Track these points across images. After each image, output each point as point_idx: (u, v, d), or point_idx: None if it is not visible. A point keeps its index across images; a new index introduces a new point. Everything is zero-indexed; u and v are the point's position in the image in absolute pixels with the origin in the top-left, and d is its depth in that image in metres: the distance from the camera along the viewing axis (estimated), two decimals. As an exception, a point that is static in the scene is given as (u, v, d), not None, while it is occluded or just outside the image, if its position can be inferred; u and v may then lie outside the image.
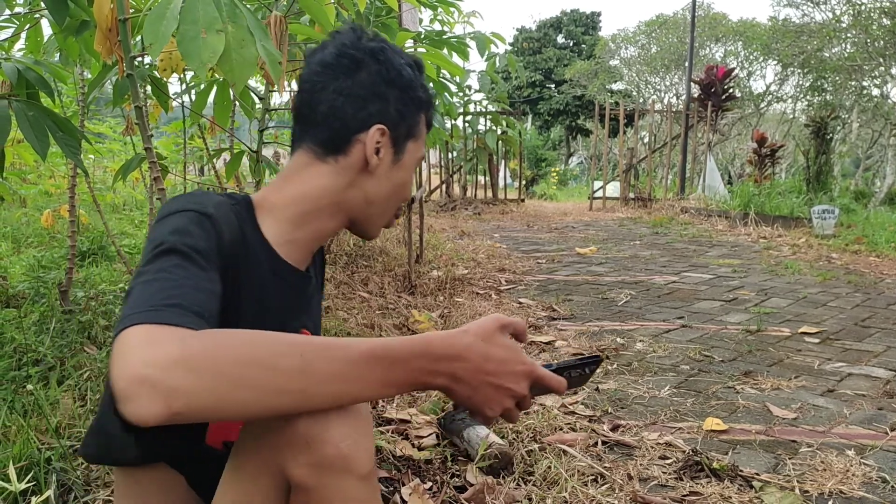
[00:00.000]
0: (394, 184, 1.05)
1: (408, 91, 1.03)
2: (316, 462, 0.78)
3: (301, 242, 1.03)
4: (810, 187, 9.13)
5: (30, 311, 2.67)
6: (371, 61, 1.01)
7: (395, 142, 1.03)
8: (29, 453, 1.66)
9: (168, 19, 1.32)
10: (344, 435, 0.78)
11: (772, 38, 16.69)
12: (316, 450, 0.78)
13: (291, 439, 0.78)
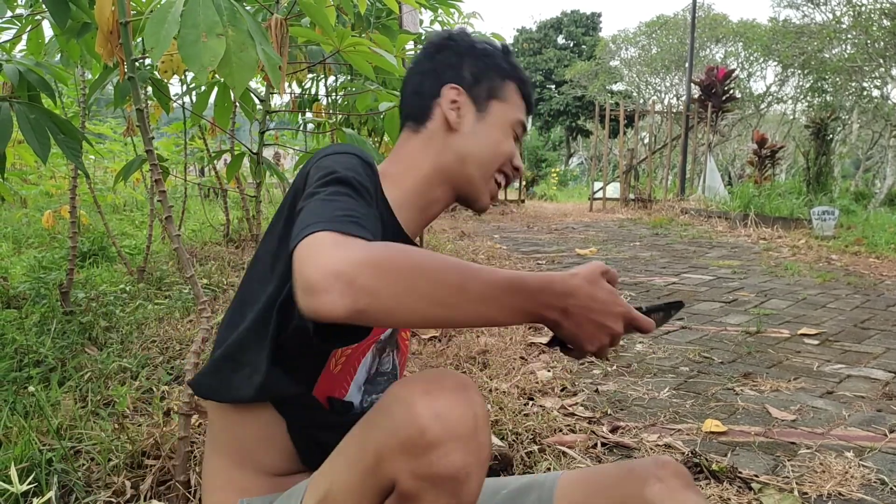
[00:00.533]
0: (485, 141, 1.10)
1: (484, 59, 1.12)
2: (429, 476, 0.78)
3: (414, 214, 1.10)
4: (810, 188, 9.14)
5: (31, 312, 2.67)
6: (448, 42, 1.12)
7: (475, 100, 1.10)
8: (30, 454, 1.67)
9: (169, 23, 1.33)
10: (466, 463, 0.79)
11: (772, 39, 16.69)
12: (435, 464, 0.78)
13: (415, 442, 0.78)
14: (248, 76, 1.39)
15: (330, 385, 1.02)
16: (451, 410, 0.79)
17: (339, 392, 1.02)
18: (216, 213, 6.23)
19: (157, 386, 2.22)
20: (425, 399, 0.80)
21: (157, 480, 1.67)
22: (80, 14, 2.01)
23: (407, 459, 0.79)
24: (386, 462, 0.81)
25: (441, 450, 0.78)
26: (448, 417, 0.79)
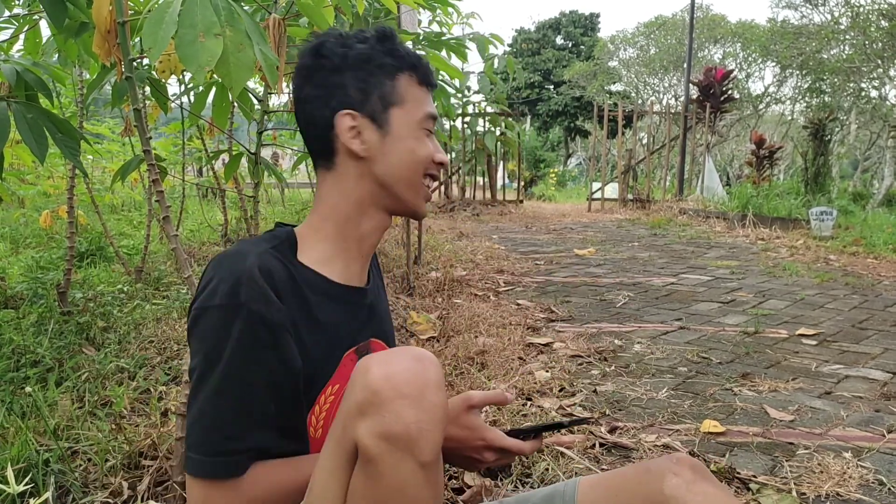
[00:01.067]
0: (400, 156, 1.04)
1: (364, 66, 1.02)
2: (383, 433, 0.82)
3: (351, 254, 1.06)
4: (808, 189, 9.14)
5: (28, 312, 2.67)
6: (321, 61, 1.03)
7: (373, 118, 1.02)
8: (27, 455, 1.67)
9: (167, 23, 1.32)
10: (417, 419, 0.82)
11: (770, 40, 16.70)
12: (387, 420, 0.82)
13: (368, 397, 0.82)
14: (246, 76, 1.38)
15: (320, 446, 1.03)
16: (402, 373, 0.83)
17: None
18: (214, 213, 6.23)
19: (155, 386, 2.21)
20: (380, 365, 0.84)
21: (155, 481, 1.67)
22: (77, 14, 2.01)
23: (363, 420, 0.82)
24: (348, 428, 0.84)
25: (391, 406, 0.81)
26: (398, 379, 0.82)
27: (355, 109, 1.02)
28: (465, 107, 10.00)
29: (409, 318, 3.43)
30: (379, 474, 0.83)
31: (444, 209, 10.43)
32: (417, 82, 1.06)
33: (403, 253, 4.48)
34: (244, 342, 0.89)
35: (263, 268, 0.93)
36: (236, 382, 0.89)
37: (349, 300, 1.06)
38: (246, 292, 0.90)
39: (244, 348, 0.89)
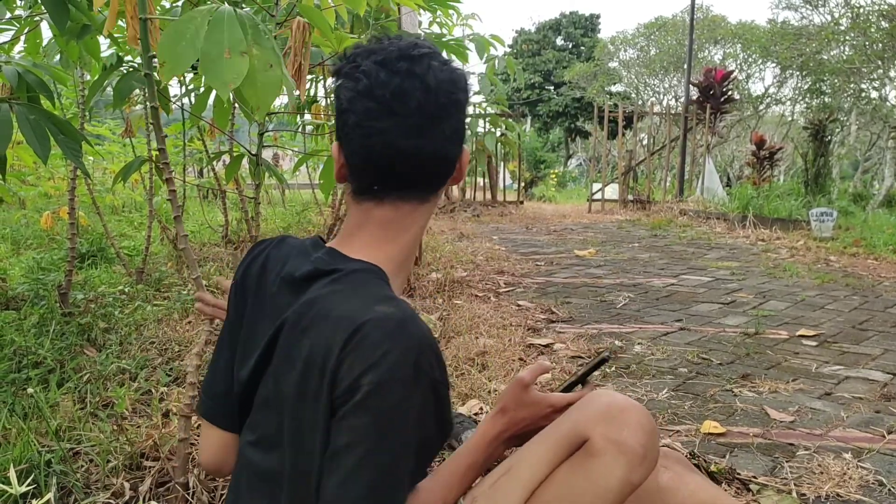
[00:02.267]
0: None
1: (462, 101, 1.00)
2: (618, 441, 0.97)
3: (403, 278, 1.06)
4: (809, 190, 9.15)
5: (29, 314, 2.67)
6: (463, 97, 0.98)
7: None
8: (29, 456, 1.67)
9: (187, 41, 1.28)
10: (646, 445, 0.98)
11: (770, 41, 16.70)
12: (625, 434, 0.97)
13: (620, 414, 0.99)
14: (273, 96, 1.36)
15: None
16: (641, 410, 1.02)
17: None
18: (215, 215, 6.23)
19: (156, 387, 2.22)
20: (625, 397, 1.04)
21: (157, 482, 1.67)
22: (79, 16, 2.01)
23: (604, 425, 0.98)
24: (583, 425, 0.99)
25: (632, 427, 0.98)
26: (640, 412, 1.01)
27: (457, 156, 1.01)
28: (465, 108, 9.99)
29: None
30: (594, 469, 0.97)
31: (444, 210, 10.44)
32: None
33: (404, 254, 4.48)
34: (421, 409, 0.87)
35: (426, 327, 0.91)
36: (400, 440, 0.86)
37: None
38: (426, 361, 0.87)
39: (419, 413, 0.87)
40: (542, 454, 1.02)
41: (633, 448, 0.97)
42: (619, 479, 0.96)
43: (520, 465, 1.02)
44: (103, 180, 6.91)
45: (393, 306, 0.89)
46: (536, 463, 1.01)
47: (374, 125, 0.92)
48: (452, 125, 0.96)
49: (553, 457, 1.01)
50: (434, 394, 0.88)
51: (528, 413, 1.07)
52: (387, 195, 0.98)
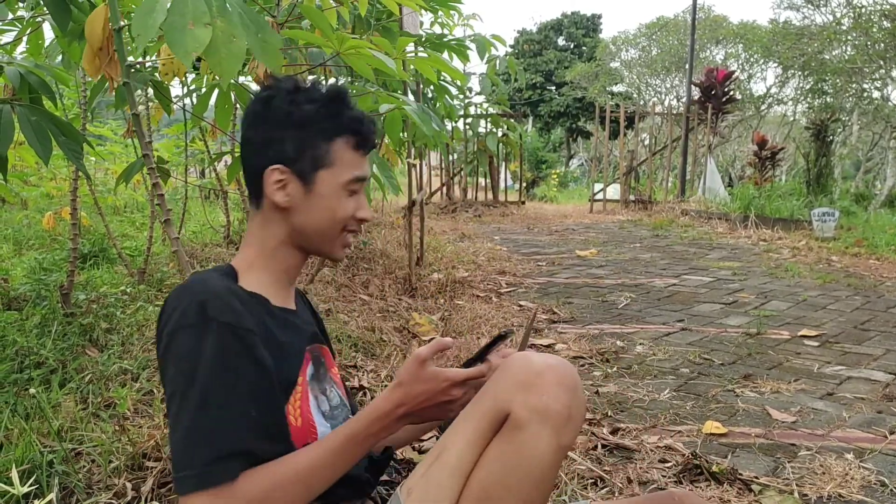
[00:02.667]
0: (319, 213, 1.14)
1: (304, 127, 1.11)
2: (540, 408, 0.97)
3: (281, 283, 1.17)
4: (810, 190, 9.14)
5: (31, 314, 2.68)
6: (266, 113, 1.12)
7: (301, 175, 1.11)
8: (31, 456, 1.67)
9: (157, 12, 1.37)
10: (570, 404, 0.99)
11: (772, 41, 16.69)
12: (545, 399, 0.98)
13: (532, 380, 0.99)
14: (235, 66, 1.42)
15: (303, 434, 1.10)
16: (561, 367, 1.02)
17: (312, 437, 1.10)
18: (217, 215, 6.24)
19: (158, 388, 2.22)
20: (541, 357, 1.03)
21: (158, 482, 1.68)
22: (80, 17, 2.01)
23: (523, 394, 0.98)
24: (502, 398, 1.00)
25: (551, 389, 0.98)
26: (559, 370, 1.01)
27: (286, 165, 1.11)
28: (466, 108, 10.01)
29: (412, 320, 3.44)
30: (522, 442, 0.97)
31: (446, 210, 10.44)
32: (353, 146, 1.14)
33: (405, 254, 4.49)
34: (218, 354, 0.95)
35: (225, 286, 1.03)
36: (217, 393, 0.94)
37: (286, 318, 1.16)
38: (213, 308, 0.97)
39: (219, 359, 0.95)
40: (469, 435, 1.02)
41: (557, 411, 0.97)
42: (548, 447, 0.97)
43: (448, 451, 1.03)
44: (105, 181, 6.92)
45: (191, 278, 1.06)
46: (464, 446, 1.02)
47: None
48: (252, 142, 1.14)
49: (479, 437, 1.01)
50: (233, 336, 0.97)
51: (424, 387, 1.04)
52: (249, 203, 1.19)
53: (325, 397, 1.17)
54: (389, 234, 5.86)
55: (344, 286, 3.92)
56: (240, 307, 1.01)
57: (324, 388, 1.18)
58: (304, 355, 1.14)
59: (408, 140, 4.07)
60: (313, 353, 1.18)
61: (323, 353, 1.22)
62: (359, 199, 1.17)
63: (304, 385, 1.12)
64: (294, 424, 1.07)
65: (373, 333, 3.11)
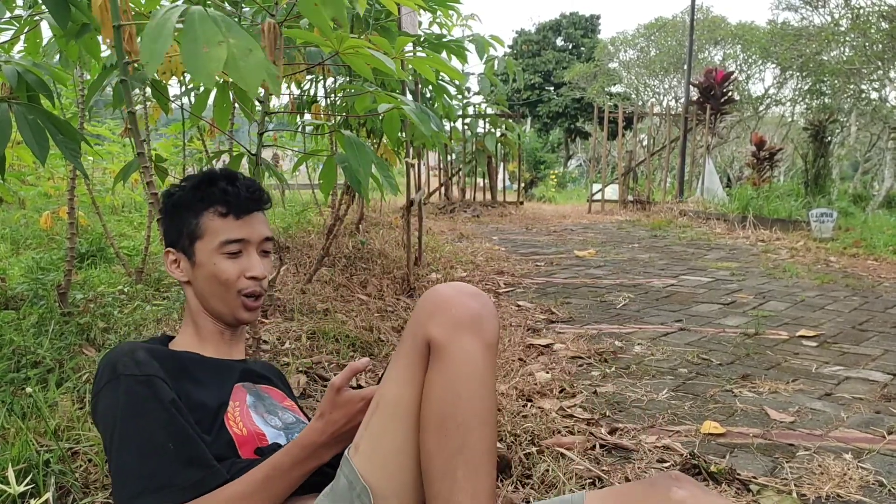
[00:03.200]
0: (207, 280, 1.30)
1: (177, 214, 1.32)
2: (452, 322, 1.01)
3: (215, 342, 1.34)
4: (809, 190, 9.14)
5: (29, 313, 2.67)
6: (160, 207, 1.37)
7: (186, 252, 1.31)
8: (28, 455, 1.67)
9: (163, 38, 1.39)
10: (479, 306, 1.04)
11: (770, 42, 16.71)
12: (454, 312, 1.02)
13: (437, 303, 1.03)
14: (259, 77, 1.43)
15: (250, 441, 1.19)
16: (464, 286, 1.08)
17: (261, 442, 1.20)
18: (215, 215, 6.23)
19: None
20: (444, 286, 1.08)
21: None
22: (78, 15, 2.01)
23: (435, 319, 1.02)
24: (419, 333, 1.03)
25: (457, 302, 1.03)
26: (461, 287, 1.07)
27: (174, 246, 1.33)
28: (465, 108, 10.00)
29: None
30: (451, 359, 1.00)
31: (444, 210, 10.44)
32: (221, 214, 1.29)
33: (404, 254, 4.49)
34: (128, 403, 1.07)
35: (135, 346, 1.16)
36: (134, 436, 1.05)
37: (221, 364, 1.31)
38: (120, 365, 1.11)
39: (130, 407, 1.07)
40: (399, 376, 1.05)
41: (470, 316, 1.02)
42: (476, 349, 1.01)
43: (384, 398, 1.05)
44: (103, 180, 6.91)
45: (116, 347, 1.20)
46: (398, 388, 1.04)
47: None
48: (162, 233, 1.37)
49: (410, 374, 1.04)
50: (137, 384, 1.09)
51: (342, 412, 1.09)
52: None
53: (273, 416, 1.28)
54: (388, 235, 5.85)
55: (342, 286, 3.92)
56: (143, 358, 1.13)
57: (273, 411, 1.29)
58: (232, 385, 1.26)
59: (406, 140, 4.07)
60: (247, 387, 1.29)
61: (265, 390, 1.34)
62: (244, 260, 1.30)
63: (242, 405, 1.23)
64: (239, 434, 1.18)
65: (371, 333, 3.10)
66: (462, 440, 0.98)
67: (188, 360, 1.25)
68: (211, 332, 1.34)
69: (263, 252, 1.35)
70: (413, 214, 4.47)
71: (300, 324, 3.04)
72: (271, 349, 2.72)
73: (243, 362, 1.36)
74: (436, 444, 0.99)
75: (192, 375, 1.21)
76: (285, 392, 1.41)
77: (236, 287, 1.29)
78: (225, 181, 1.31)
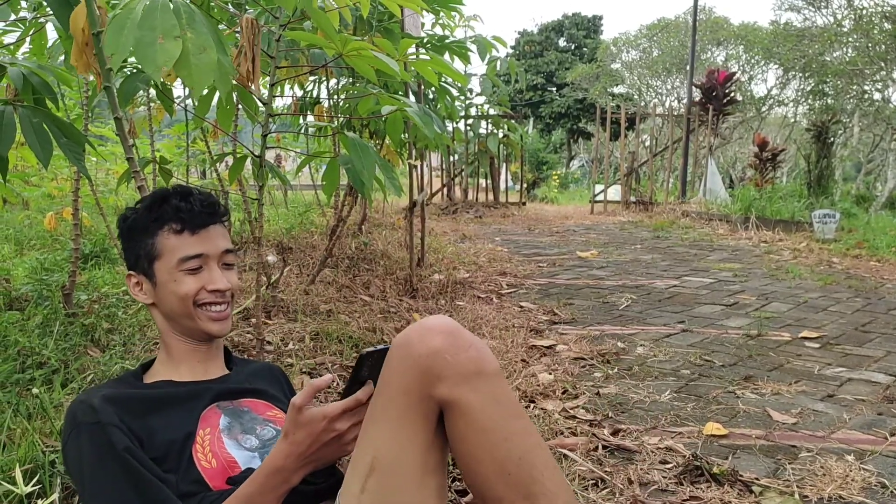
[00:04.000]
0: (169, 298, 1.31)
1: (132, 237, 1.33)
2: (458, 376, 0.98)
3: (187, 363, 1.35)
4: (811, 191, 9.14)
5: (33, 314, 2.68)
6: (118, 232, 1.37)
7: (146, 273, 1.32)
8: (34, 456, 1.68)
9: (128, 29, 1.38)
10: (468, 345, 1.01)
11: (773, 42, 16.70)
12: (454, 363, 0.98)
13: (428, 360, 0.99)
14: (208, 78, 1.44)
15: (220, 472, 1.18)
16: (430, 324, 1.04)
17: (233, 470, 1.18)
18: (218, 216, 6.25)
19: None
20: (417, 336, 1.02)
21: (160, 482, 1.68)
22: (83, 17, 2.01)
23: (439, 380, 0.98)
24: (415, 392, 0.99)
25: (449, 350, 0.99)
26: (435, 327, 1.03)
27: (134, 270, 1.34)
28: (467, 109, 10.00)
29: (413, 320, 3.44)
30: (477, 410, 0.97)
31: (446, 211, 10.44)
32: (176, 232, 1.29)
33: (406, 255, 4.49)
34: (91, 450, 1.09)
35: (93, 394, 1.17)
36: (99, 482, 1.07)
37: (193, 389, 1.30)
38: (80, 413, 1.13)
39: (92, 455, 1.09)
40: (396, 436, 1.00)
41: (470, 361, 0.99)
42: (496, 389, 0.99)
43: (381, 460, 1.00)
44: (106, 181, 6.92)
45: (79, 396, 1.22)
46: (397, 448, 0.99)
47: None
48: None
49: (411, 433, 0.99)
50: (100, 432, 1.10)
51: (306, 432, 1.07)
52: None
53: (249, 436, 1.26)
54: (390, 235, 5.86)
55: (345, 287, 3.93)
56: (99, 405, 1.13)
57: (251, 429, 1.28)
58: (201, 411, 1.25)
59: (409, 141, 4.07)
60: (223, 407, 1.28)
61: (245, 404, 1.33)
62: (205, 275, 1.30)
63: (213, 433, 1.22)
64: (208, 467, 1.17)
65: (374, 334, 3.11)
66: (529, 472, 0.97)
67: (157, 394, 1.25)
68: (183, 352, 1.35)
69: (225, 265, 1.34)
70: (416, 215, 4.48)
71: (304, 325, 3.05)
72: (275, 350, 2.72)
73: (221, 380, 1.35)
74: (506, 489, 0.97)
75: (160, 410, 1.21)
76: (275, 400, 1.39)
77: (199, 301, 1.30)
78: (177, 198, 1.30)
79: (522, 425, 1.00)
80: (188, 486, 1.13)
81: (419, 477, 0.99)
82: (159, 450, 1.15)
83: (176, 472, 1.14)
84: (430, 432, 1.00)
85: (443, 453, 1.04)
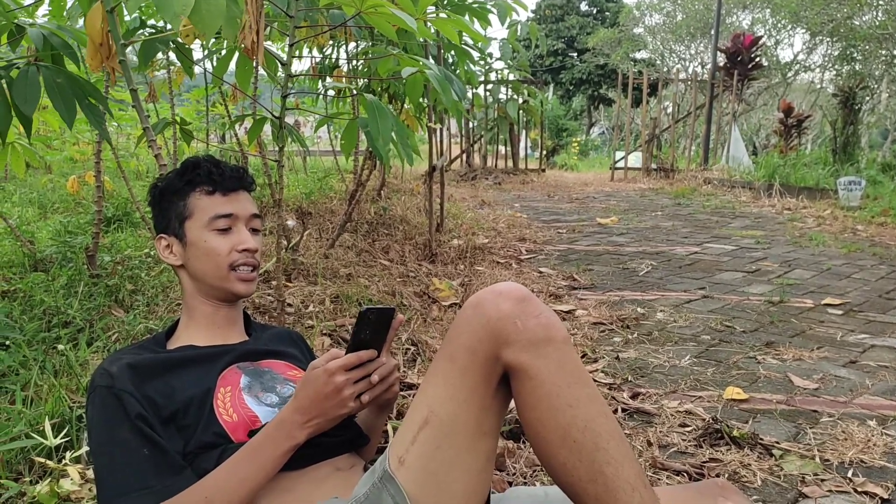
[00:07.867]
0: (200, 259, 1.32)
1: (162, 200, 1.36)
2: (527, 342, 0.98)
3: (211, 329, 1.36)
4: (837, 158, 8.98)
5: (58, 275, 2.72)
6: (149, 199, 1.39)
7: (177, 235, 1.34)
8: (61, 411, 1.71)
9: None
10: (538, 312, 1.00)
11: (800, 6, 16.27)
12: (524, 329, 0.98)
13: (498, 323, 0.99)
14: (217, 22, 1.47)
15: (241, 426, 1.19)
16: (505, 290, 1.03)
17: (254, 424, 1.19)
18: (237, 181, 6.27)
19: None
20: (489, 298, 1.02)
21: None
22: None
23: (508, 344, 0.98)
24: (481, 353, 0.99)
25: (519, 316, 0.99)
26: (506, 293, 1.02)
27: (164, 232, 1.35)
28: (487, 74, 9.90)
29: (432, 285, 3.45)
30: (544, 376, 0.98)
31: (465, 178, 10.39)
32: (207, 193, 1.32)
33: (426, 220, 4.48)
34: (104, 412, 1.12)
35: (114, 361, 1.19)
36: (107, 444, 1.10)
37: (213, 352, 1.31)
38: (99, 377, 1.16)
39: (104, 417, 1.12)
40: (455, 395, 1.00)
41: (541, 328, 0.99)
42: (563, 357, 0.99)
43: (438, 415, 1.00)
44: (127, 145, 6.95)
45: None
46: (454, 406, 0.99)
47: None
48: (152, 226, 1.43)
49: (469, 394, 0.99)
50: (113, 398, 1.12)
51: (311, 387, 1.09)
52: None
53: (269, 393, 1.27)
54: (409, 201, 5.85)
55: (364, 251, 3.93)
56: (117, 371, 1.16)
57: (271, 387, 1.29)
58: (220, 370, 1.26)
59: (428, 105, 4.04)
60: (243, 367, 1.30)
61: (266, 365, 1.34)
62: (234, 235, 1.32)
63: (235, 388, 1.24)
64: (229, 420, 1.18)
65: (393, 298, 3.12)
66: (594, 440, 0.97)
67: (178, 356, 1.27)
68: (206, 315, 1.36)
69: (253, 230, 1.36)
70: (435, 181, 4.46)
71: (324, 287, 3.06)
72: (295, 312, 2.74)
73: (242, 344, 1.38)
74: (569, 455, 0.97)
75: (180, 370, 1.23)
76: (296, 360, 1.41)
77: (228, 261, 1.31)
78: (209, 163, 1.34)
79: (588, 393, 0.99)
80: (209, 438, 1.15)
81: (472, 437, 1.00)
82: (180, 404, 1.17)
83: (197, 424, 1.16)
84: (488, 395, 1.01)
85: (498, 419, 1.04)
